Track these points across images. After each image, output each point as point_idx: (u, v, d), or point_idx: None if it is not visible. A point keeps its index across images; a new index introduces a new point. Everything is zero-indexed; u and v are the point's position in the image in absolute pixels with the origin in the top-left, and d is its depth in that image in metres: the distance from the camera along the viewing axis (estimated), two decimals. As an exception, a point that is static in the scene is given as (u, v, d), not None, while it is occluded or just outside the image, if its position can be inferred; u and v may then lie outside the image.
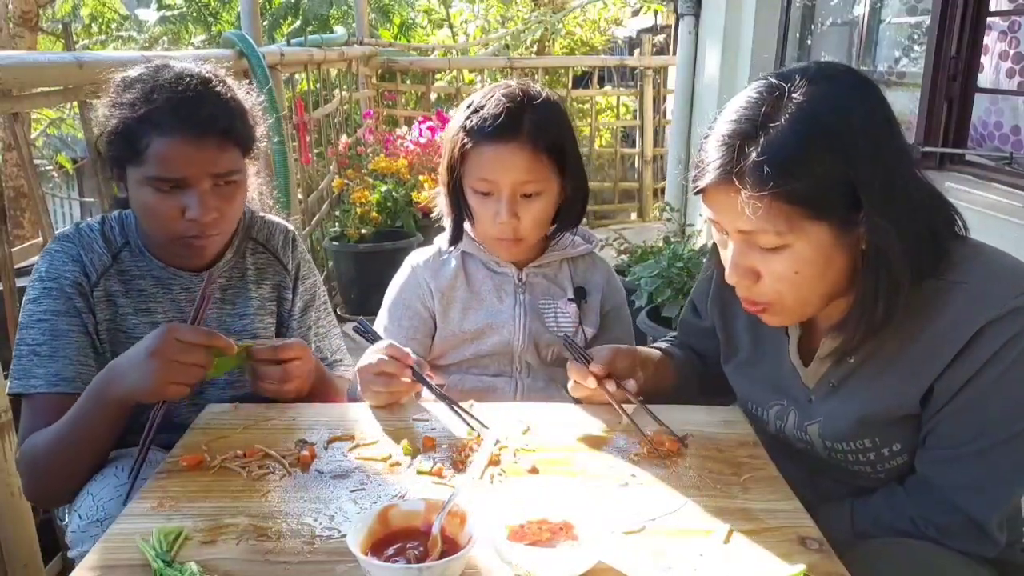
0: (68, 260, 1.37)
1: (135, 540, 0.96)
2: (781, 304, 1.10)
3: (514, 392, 1.56)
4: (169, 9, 10.73)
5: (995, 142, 2.87)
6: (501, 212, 1.44)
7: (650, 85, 6.49)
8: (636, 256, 3.57)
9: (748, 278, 1.09)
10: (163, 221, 1.32)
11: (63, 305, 1.34)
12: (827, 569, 0.93)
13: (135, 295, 1.42)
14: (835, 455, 1.19)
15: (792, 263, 1.05)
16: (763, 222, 1.02)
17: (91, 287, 1.37)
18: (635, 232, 5.11)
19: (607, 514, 1.01)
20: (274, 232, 1.58)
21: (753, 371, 1.31)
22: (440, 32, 10.38)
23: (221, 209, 1.34)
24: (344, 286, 4.37)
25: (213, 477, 1.12)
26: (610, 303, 1.64)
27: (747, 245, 1.08)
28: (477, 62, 7.53)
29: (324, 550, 0.96)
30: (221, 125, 1.31)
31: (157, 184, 1.29)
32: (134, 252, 1.43)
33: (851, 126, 1.00)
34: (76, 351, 1.34)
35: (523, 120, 1.42)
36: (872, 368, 1.13)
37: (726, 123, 1.05)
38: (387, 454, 1.19)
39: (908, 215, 1.02)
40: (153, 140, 1.27)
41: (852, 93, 1.04)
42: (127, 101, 1.30)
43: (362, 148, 4.68)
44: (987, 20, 2.72)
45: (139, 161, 1.29)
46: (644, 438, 1.23)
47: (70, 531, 1.22)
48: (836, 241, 1.04)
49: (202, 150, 1.29)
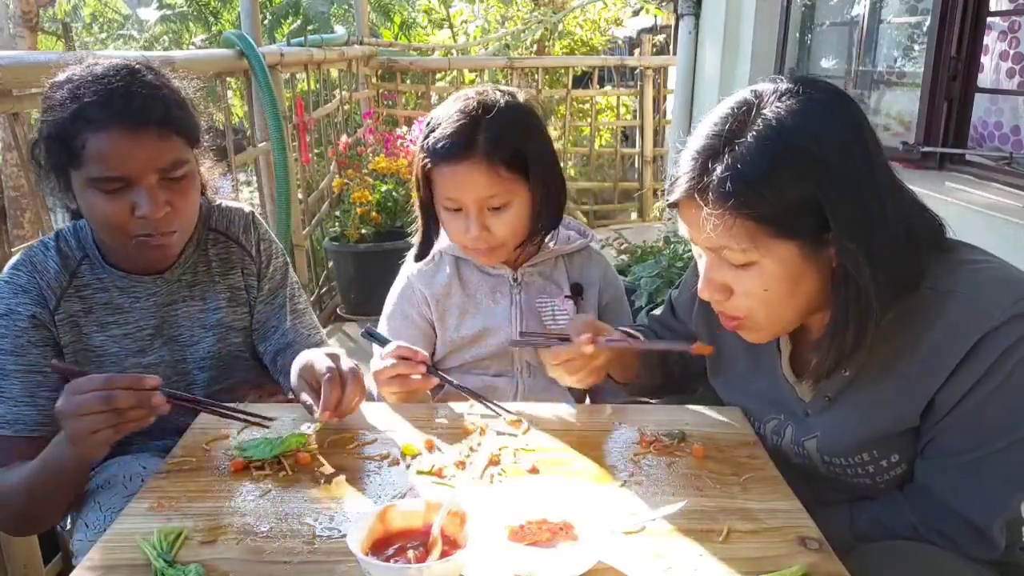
0: (19, 292, 1.31)
1: (135, 540, 0.96)
2: (753, 320, 1.09)
3: (515, 392, 1.56)
4: (170, 8, 10.73)
5: (995, 142, 2.87)
6: (471, 228, 1.42)
7: (650, 85, 6.48)
8: (636, 256, 3.57)
9: (720, 293, 1.08)
10: (114, 224, 1.26)
11: (10, 344, 1.29)
12: (827, 569, 0.93)
13: (100, 310, 1.37)
14: (833, 469, 1.18)
15: (760, 280, 1.04)
16: (726, 239, 1.01)
17: (52, 313, 1.32)
18: (635, 232, 5.10)
19: (607, 514, 1.01)
20: (233, 219, 1.52)
21: (747, 385, 1.29)
22: (440, 32, 10.38)
23: (173, 203, 1.27)
24: (344, 286, 4.37)
25: (213, 477, 1.13)
26: (608, 295, 1.63)
27: (719, 260, 1.07)
28: (477, 62, 7.52)
29: (324, 550, 0.96)
30: (156, 114, 1.24)
31: (101, 185, 1.23)
32: (93, 264, 1.37)
33: (820, 145, 0.97)
34: (20, 392, 1.28)
35: (477, 137, 1.39)
36: (867, 380, 1.11)
37: (698, 137, 1.04)
38: (387, 452, 1.19)
39: (881, 235, 1.00)
40: (88, 138, 1.21)
41: (824, 110, 1.01)
42: (57, 102, 1.24)
43: (362, 148, 4.68)
44: (987, 20, 2.72)
45: (78, 163, 1.23)
46: (643, 438, 1.23)
47: (76, 540, 1.21)
48: (805, 260, 1.02)
49: (141, 143, 1.22)
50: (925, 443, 1.10)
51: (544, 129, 1.50)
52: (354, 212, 4.21)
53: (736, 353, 1.29)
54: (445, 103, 1.48)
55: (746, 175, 0.97)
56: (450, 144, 1.39)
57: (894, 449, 1.12)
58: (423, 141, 1.45)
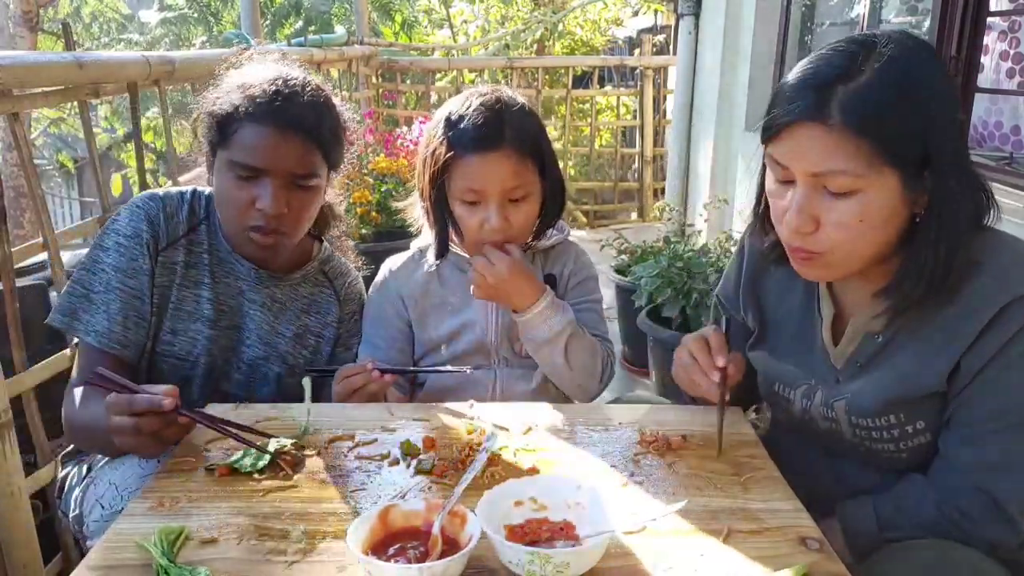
0: (144, 220, 1.40)
1: (135, 540, 0.96)
2: (832, 255, 1.11)
3: (493, 382, 1.56)
4: (171, 10, 10.73)
5: (995, 142, 2.87)
6: (492, 219, 1.43)
7: (650, 85, 6.49)
8: (636, 256, 3.57)
9: (810, 224, 1.09)
10: (234, 207, 1.36)
11: (127, 263, 1.38)
12: (827, 569, 0.93)
13: (200, 269, 1.45)
14: (859, 431, 1.20)
15: (859, 209, 1.06)
16: (842, 161, 1.03)
17: (158, 251, 1.41)
18: (635, 232, 5.10)
19: (607, 514, 1.01)
20: (346, 273, 1.62)
21: (784, 353, 1.31)
22: (440, 32, 10.39)
23: (292, 207, 1.36)
24: (344, 286, 4.36)
25: (213, 477, 1.13)
26: (575, 278, 1.62)
27: (814, 190, 1.08)
28: (477, 62, 7.52)
29: (324, 550, 0.96)
30: (309, 124, 1.34)
31: (237, 170, 1.33)
32: (211, 229, 1.47)
33: (932, 89, 1.04)
34: (119, 310, 1.37)
35: (504, 127, 1.42)
36: (896, 347, 1.15)
37: (811, 67, 1.08)
38: (387, 452, 1.19)
39: (965, 180, 1.06)
40: (243, 125, 1.32)
41: (934, 62, 1.08)
42: (227, 87, 1.37)
43: (362, 148, 4.68)
44: (987, 20, 2.72)
45: (226, 145, 1.34)
46: (643, 438, 1.23)
47: (91, 521, 1.23)
48: (902, 194, 1.06)
49: (285, 143, 1.33)
50: (949, 414, 1.11)
51: (546, 129, 1.55)
52: (354, 212, 4.21)
53: (779, 325, 1.32)
54: (455, 100, 1.49)
55: (875, 99, 1.02)
56: (481, 135, 1.41)
57: (920, 415, 1.13)
58: (446, 134, 1.44)
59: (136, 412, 1.13)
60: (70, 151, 10.38)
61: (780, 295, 1.32)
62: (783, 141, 1.08)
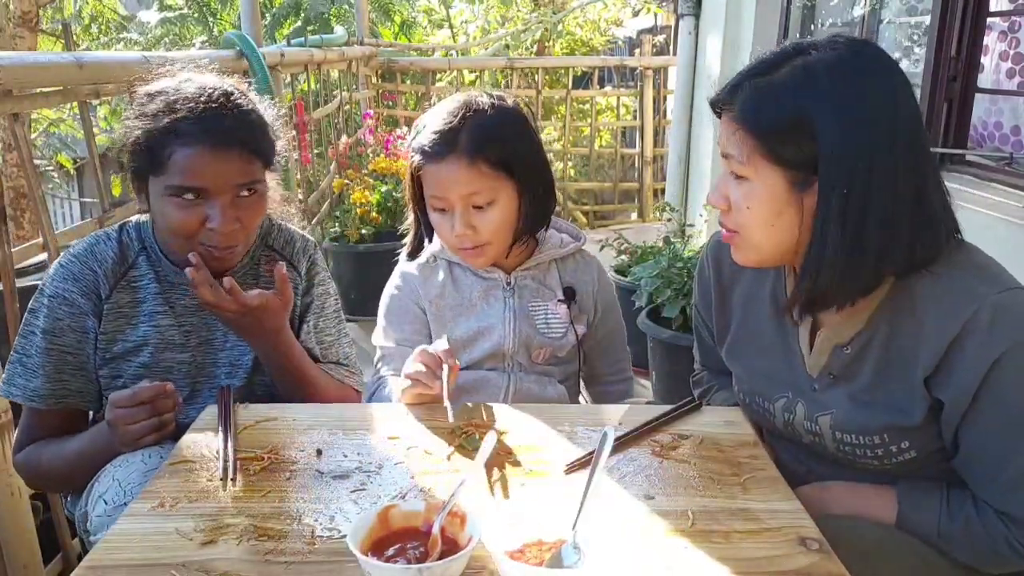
0: (69, 279, 1.38)
1: (135, 540, 0.96)
2: (742, 237, 1.17)
3: (507, 385, 1.56)
4: (170, 10, 10.73)
5: (995, 142, 2.87)
6: (456, 225, 1.44)
7: (650, 85, 6.49)
8: (636, 256, 3.57)
9: (721, 202, 1.17)
10: (183, 232, 1.33)
11: (52, 324, 1.37)
12: (827, 569, 0.93)
13: (152, 300, 1.43)
14: (844, 447, 1.18)
15: (747, 196, 1.12)
16: (731, 146, 1.12)
17: (102, 302, 1.40)
18: (635, 232, 5.11)
19: (607, 517, 1.01)
20: (292, 240, 1.58)
21: (760, 363, 1.30)
22: (440, 32, 10.39)
23: (242, 220, 1.35)
24: (344, 287, 4.36)
25: (213, 477, 1.12)
26: (601, 304, 1.64)
27: (726, 170, 1.16)
28: (477, 62, 7.53)
29: (324, 550, 0.96)
30: (242, 137, 1.33)
31: (179, 194, 1.31)
32: (151, 257, 1.44)
33: (844, 98, 1.03)
34: (55, 368, 1.38)
35: (459, 135, 1.42)
36: (869, 358, 1.14)
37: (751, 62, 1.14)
38: (390, 451, 1.19)
39: (876, 200, 1.03)
40: (176, 150, 1.29)
41: (869, 70, 1.06)
42: (150, 112, 1.33)
43: (362, 148, 4.69)
44: (987, 20, 2.72)
45: (161, 171, 1.31)
46: (643, 438, 1.23)
47: (95, 516, 1.23)
48: (788, 196, 1.09)
49: (224, 161, 1.31)
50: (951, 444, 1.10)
51: (533, 132, 1.52)
52: (354, 212, 4.21)
53: (755, 332, 1.32)
54: (434, 108, 1.51)
55: (761, 94, 1.08)
56: (433, 143, 1.43)
57: (904, 436, 1.13)
58: (411, 143, 1.49)
59: (141, 400, 1.23)
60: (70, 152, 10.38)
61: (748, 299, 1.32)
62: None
